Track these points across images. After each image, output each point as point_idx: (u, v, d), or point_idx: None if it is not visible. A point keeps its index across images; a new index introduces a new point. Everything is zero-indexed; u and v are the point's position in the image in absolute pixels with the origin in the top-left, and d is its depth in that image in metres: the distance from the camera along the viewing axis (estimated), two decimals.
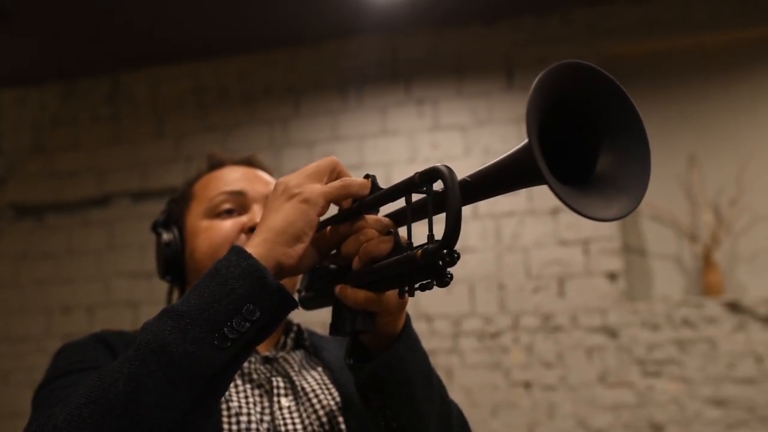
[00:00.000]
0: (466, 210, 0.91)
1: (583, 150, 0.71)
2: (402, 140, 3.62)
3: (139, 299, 3.73)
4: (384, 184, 0.82)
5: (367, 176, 0.83)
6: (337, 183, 0.81)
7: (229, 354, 0.72)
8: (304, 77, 3.83)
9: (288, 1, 3.39)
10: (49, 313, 3.87)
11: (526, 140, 0.65)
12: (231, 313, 0.73)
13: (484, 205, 3.38)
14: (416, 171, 0.74)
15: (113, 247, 3.87)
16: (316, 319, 2.22)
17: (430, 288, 0.74)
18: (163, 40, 3.75)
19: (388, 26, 3.64)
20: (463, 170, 0.76)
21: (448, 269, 0.71)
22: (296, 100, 3.82)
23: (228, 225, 1.10)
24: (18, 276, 3.96)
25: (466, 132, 3.55)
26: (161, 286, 1.25)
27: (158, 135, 3.96)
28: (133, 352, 0.72)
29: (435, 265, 0.70)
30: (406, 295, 0.77)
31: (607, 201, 0.67)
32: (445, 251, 0.68)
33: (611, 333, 3.21)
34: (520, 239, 3.39)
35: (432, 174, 0.72)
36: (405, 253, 0.73)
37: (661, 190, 3.38)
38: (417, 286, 0.75)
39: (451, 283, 0.72)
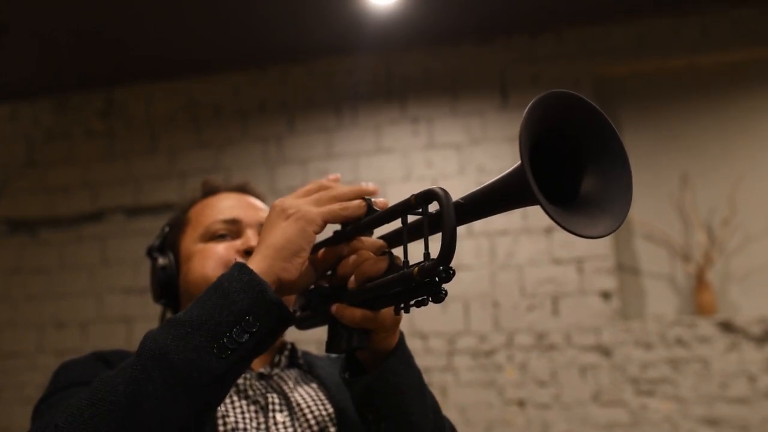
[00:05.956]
0: (461, 229, 0.94)
1: (569, 172, 0.75)
2: (397, 158, 3.63)
3: (132, 315, 3.72)
4: None
5: (363, 198, 0.85)
6: (335, 205, 0.84)
7: (227, 363, 0.75)
8: (299, 95, 3.84)
9: (282, 19, 3.42)
10: (41, 329, 3.85)
11: (518, 163, 0.68)
12: (231, 324, 0.76)
13: (478, 224, 3.39)
14: (412, 189, 0.76)
15: (106, 262, 3.86)
16: (311, 338, 2.21)
17: (426, 304, 0.76)
18: (157, 56, 3.76)
19: (383, 44, 3.67)
20: (457, 188, 0.78)
21: (443, 285, 0.73)
22: (290, 117, 3.83)
23: (222, 247, 1.13)
24: (10, 291, 3.94)
25: (461, 150, 3.57)
26: (155, 303, 1.26)
27: (152, 151, 3.96)
28: (135, 358, 0.75)
29: (431, 281, 0.72)
30: (402, 311, 0.80)
31: (593, 220, 0.71)
32: (441, 267, 0.70)
33: (605, 351, 3.22)
34: (514, 257, 3.40)
35: (427, 196, 0.74)
36: (402, 271, 0.75)
37: (654, 210, 3.40)
38: (413, 302, 0.78)
39: (446, 300, 0.74)
